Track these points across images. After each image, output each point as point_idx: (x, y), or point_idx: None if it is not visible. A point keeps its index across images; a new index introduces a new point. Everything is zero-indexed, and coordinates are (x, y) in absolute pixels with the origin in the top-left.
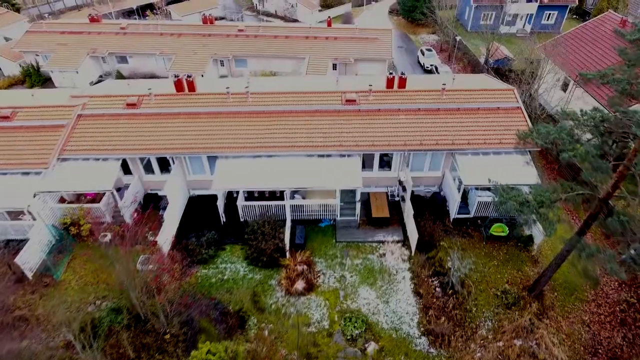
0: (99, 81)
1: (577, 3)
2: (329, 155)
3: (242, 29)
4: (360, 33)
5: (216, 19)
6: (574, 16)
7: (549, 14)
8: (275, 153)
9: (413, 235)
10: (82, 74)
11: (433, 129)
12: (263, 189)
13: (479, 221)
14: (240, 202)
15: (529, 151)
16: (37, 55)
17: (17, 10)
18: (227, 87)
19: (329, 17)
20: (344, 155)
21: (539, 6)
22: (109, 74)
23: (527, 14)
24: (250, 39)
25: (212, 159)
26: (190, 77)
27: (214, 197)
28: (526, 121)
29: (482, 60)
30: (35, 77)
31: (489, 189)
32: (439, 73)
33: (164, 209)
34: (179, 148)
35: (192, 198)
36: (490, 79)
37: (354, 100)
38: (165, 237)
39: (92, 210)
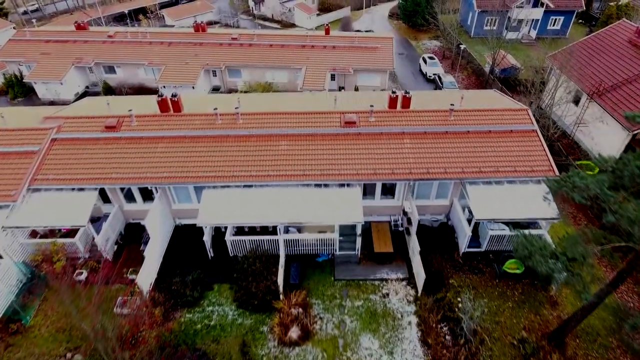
0: (85, 92)
1: (584, 8)
2: (326, 185)
3: (236, 37)
4: (360, 42)
5: (210, 23)
6: (580, 20)
7: (555, 19)
8: (267, 183)
9: (420, 275)
10: (67, 85)
11: (441, 154)
12: (253, 224)
13: (490, 255)
14: (229, 237)
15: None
16: (21, 65)
17: (6, 15)
18: (215, 108)
19: (327, 24)
20: (343, 185)
21: (544, 11)
22: (96, 85)
23: (532, 20)
24: (244, 48)
25: (199, 187)
26: (175, 96)
27: (201, 228)
28: (543, 146)
29: (487, 68)
30: (18, 88)
31: (506, 224)
32: (442, 84)
33: (146, 243)
34: (162, 178)
35: (178, 228)
36: (500, 95)
37: (354, 122)
38: (146, 276)
39: (66, 245)
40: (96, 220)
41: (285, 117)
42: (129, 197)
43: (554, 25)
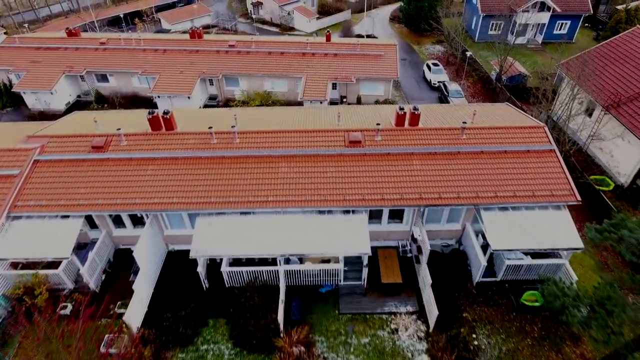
0: (77, 102)
1: (591, 12)
2: (330, 212)
3: (233, 44)
4: (363, 49)
5: (208, 27)
6: (586, 24)
7: (562, 23)
8: (266, 210)
9: (432, 311)
10: (57, 94)
11: (453, 177)
12: (251, 255)
13: (506, 285)
14: (226, 268)
15: (568, 205)
16: (10, 73)
17: None
18: (210, 127)
19: (328, 31)
20: (348, 212)
21: (551, 16)
22: (88, 94)
23: (539, 24)
24: (242, 56)
25: (193, 214)
26: (167, 113)
27: None
28: (562, 168)
29: (493, 75)
30: (6, 98)
31: (524, 253)
32: (448, 93)
33: (136, 273)
34: (152, 204)
35: (171, 253)
36: (513, 109)
37: (359, 142)
38: (135, 312)
39: (49, 276)
40: (83, 247)
41: (285, 136)
42: (118, 222)
43: (560, 30)
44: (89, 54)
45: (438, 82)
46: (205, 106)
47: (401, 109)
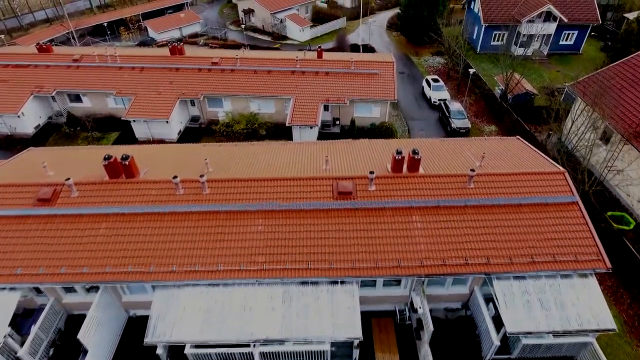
0: (48, 124)
1: (600, 22)
2: (315, 282)
3: (217, 62)
4: (357, 67)
5: (196, 36)
6: (592, 33)
7: (568, 34)
8: (237, 281)
9: None
10: (25, 117)
11: (460, 238)
12: (217, 341)
13: None
14: (190, 350)
15: (596, 272)
16: None
17: None
18: (175, 177)
19: (319, 47)
20: (336, 282)
21: (557, 26)
22: (61, 115)
23: (544, 35)
24: (226, 75)
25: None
26: (126, 159)
27: None
28: (587, 225)
29: (497, 92)
30: None
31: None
32: (449, 114)
33: (86, 353)
34: (102, 273)
35: (132, 320)
36: (525, 145)
37: (350, 193)
38: None
39: None
40: (29, 315)
41: (263, 185)
42: (69, 288)
43: (567, 40)
44: (60, 72)
45: (438, 100)
46: (187, 129)
47: (398, 152)
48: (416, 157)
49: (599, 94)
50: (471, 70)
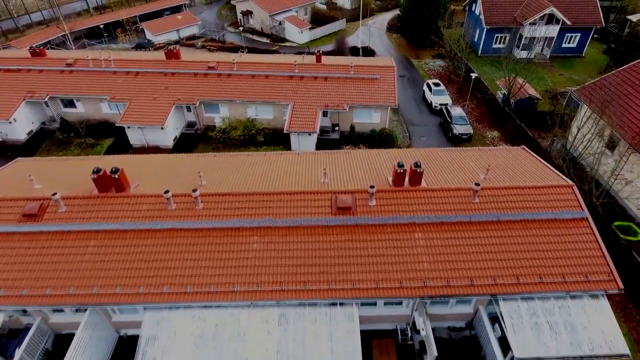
0: (41, 129)
1: (603, 24)
2: (313, 304)
3: (213, 66)
4: (357, 72)
5: (194, 38)
6: (595, 35)
7: (571, 36)
8: (231, 304)
9: None
10: (18, 123)
11: (464, 256)
12: None
13: None
14: None
15: (607, 294)
16: None
17: None
18: (167, 191)
19: (318, 50)
20: (335, 304)
21: (560, 29)
22: (54, 120)
23: (546, 37)
24: (222, 80)
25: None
26: (116, 172)
27: None
28: (597, 242)
29: (499, 97)
30: None
31: None
32: (451, 119)
33: None
34: (90, 295)
35: (122, 339)
36: (531, 156)
37: (349, 208)
38: None
39: None
40: (15, 335)
41: (258, 200)
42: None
43: (569, 43)
44: (53, 77)
45: (440, 104)
46: (182, 135)
47: (400, 165)
48: (418, 170)
49: (606, 102)
50: (473, 75)
